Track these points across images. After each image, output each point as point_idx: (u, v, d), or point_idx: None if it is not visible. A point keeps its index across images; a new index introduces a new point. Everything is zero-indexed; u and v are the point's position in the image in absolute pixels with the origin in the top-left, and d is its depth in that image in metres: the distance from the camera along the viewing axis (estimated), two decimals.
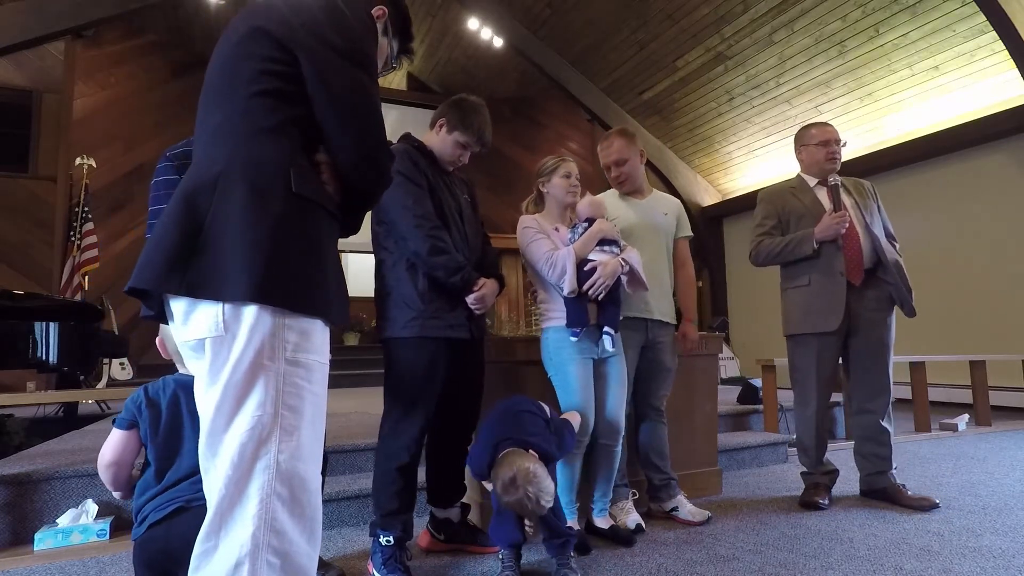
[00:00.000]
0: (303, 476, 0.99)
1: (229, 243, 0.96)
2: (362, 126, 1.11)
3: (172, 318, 1.05)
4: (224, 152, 1.03)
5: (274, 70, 1.07)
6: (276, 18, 1.10)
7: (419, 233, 1.91)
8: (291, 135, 1.07)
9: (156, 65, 8.69)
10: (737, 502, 2.70)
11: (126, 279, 1.03)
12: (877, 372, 2.62)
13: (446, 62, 10.31)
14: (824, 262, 2.61)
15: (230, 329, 0.96)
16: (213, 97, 1.12)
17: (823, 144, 2.71)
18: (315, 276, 1.03)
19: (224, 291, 0.95)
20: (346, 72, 1.10)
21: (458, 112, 2.07)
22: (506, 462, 1.76)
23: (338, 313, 1.08)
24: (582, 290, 2.11)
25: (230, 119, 1.07)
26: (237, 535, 0.93)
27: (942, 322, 6.28)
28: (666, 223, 2.55)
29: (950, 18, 5.64)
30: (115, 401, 5.49)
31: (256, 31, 1.09)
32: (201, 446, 0.99)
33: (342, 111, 1.09)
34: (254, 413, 0.96)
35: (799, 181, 2.81)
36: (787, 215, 2.74)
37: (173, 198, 1.03)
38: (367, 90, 1.12)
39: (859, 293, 2.61)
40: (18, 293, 4.16)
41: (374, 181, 1.18)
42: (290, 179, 1.03)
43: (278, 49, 1.08)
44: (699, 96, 8.19)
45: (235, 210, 0.97)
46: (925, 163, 6.58)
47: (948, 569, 1.83)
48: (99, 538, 2.24)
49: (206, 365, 0.98)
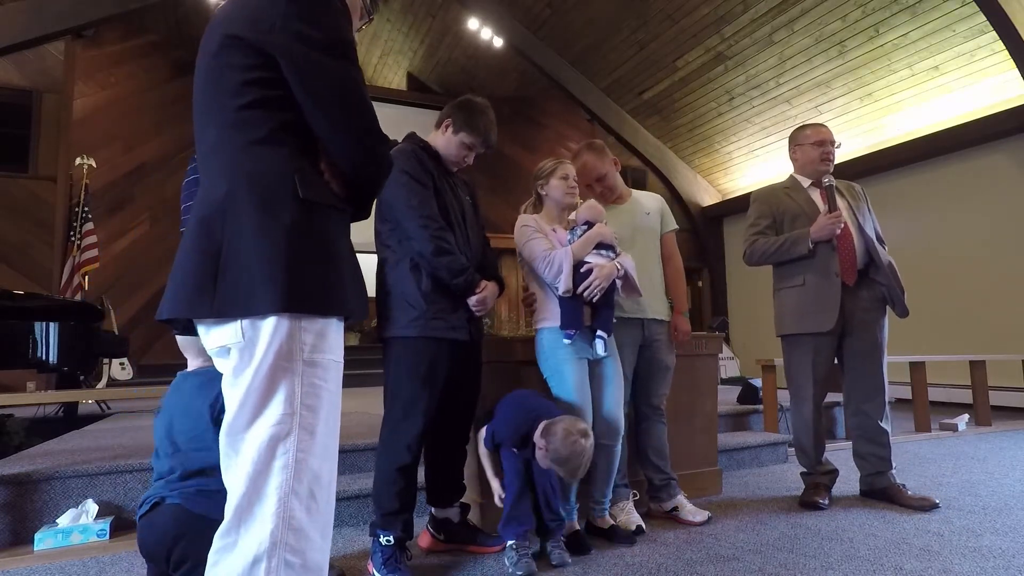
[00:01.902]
0: (319, 474, 1.02)
1: (246, 261, 1.00)
2: (353, 119, 1.10)
3: (197, 332, 1.12)
4: (225, 169, 1.05)
5: (256, 78, 1.06)
6: (247, 21, 1.07)
7: (425, 233, 1.91)
8: (287, 141, 1.07)
9: (156, 65, 8.68)
10: (737, 502, 2.70)
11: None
12: (872, 372, 2.62)
13: (446, 62, 10.31)
14: (819, 262, 2.61)
15: (250, 337, 1.00)
16: (202, 112, 1.12)
17: (818, 144, 2.71)
18: (330, 277, 1.05)
19: (249, 307, 0.99)
20: (328, 67, 1.07)
21: (464, 113, 2.07)
22: (562, 425, 1.93)
23: (357, 307, 1.11)
24: (577, 291, 2.13)
25: (222, 134, 1.07)
26: (256, 532, 0.96)
27: (942, 322, 6.28)
28: (651, 222, 2.55)
29: (950, 18, 5.65)
30: (115, 401, 5.49)
31: (230, 40, 1.07)
32: (223, 443, 1.03)
33: (331, 109, 1.08)
34: (274, 413, 0.99)
35: (792, 181, 2.81)
36: (781, 215, 2.74)
37: (191, 227, 1.06)
38: (352, 80, 1.10)
39: (853, 293, 2.61)
40: (18, 293, 4.15)
41: (374, 171, 1.18)
42: (295, 186, 1.04)
43: (255, 55, 1.05)
44: (699, 96, 8.19)
45: (247, 227, 1.00)
46: (925, 163, 6.59)
47: (948, 569, 1.83)
48: (99, 538, 2.24)
49: (231, 366, 1.03)
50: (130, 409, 5.26)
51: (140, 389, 4.32)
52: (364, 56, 10.64)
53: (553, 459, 1.91)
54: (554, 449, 1.90)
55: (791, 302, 2.69)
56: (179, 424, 1.61)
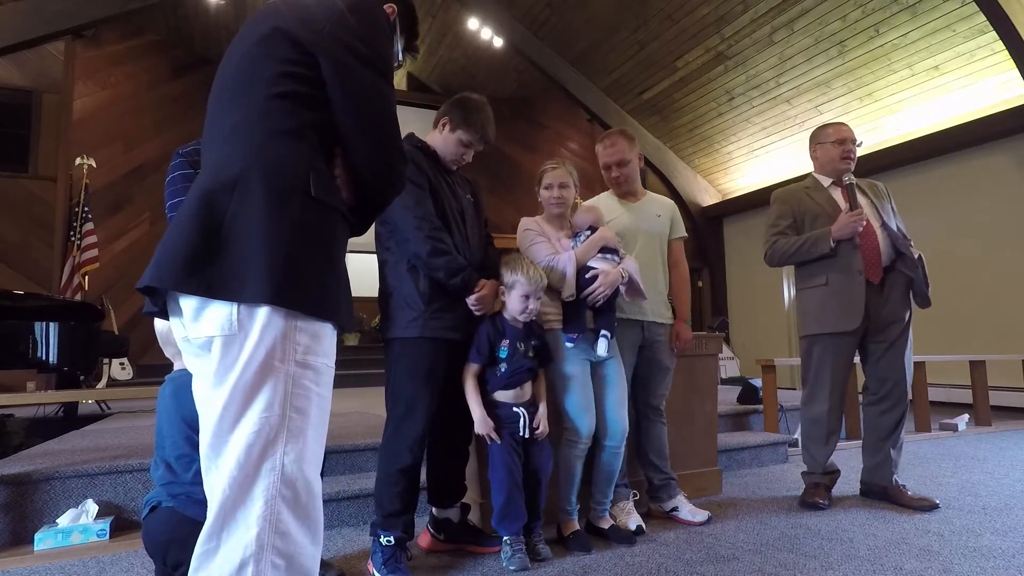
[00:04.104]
0: (307, 478, 0.99)
1: (248, 244, 0.96)
2: (382, 134, 1.14)
3: (179, 314, 1.04)
4: (242, 153, 1.03)
5: (294, 72, 1.07)
6: (299, 20, 1.09)
7: (420, 235, 1.91)
8: (310, 139, 1.07)
9: (156, 65, 8.68)
10: (737, 502, 2.70)
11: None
12: (892, 365, 2.58)
13: (446, 62, 10.31)
14: (842, 261, 2.58)
15: (243, 328, 0.95)
16: (229, 96, 1.11)
17: (839, 142, 2.70)
18: (329, 280, 1.04)
19: (242, 292, 0.95)
20: (368, 80, 1.11)
21: (461, 110, 2.07)
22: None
23: (348, 319, 1.10)
24: (581, 296, 2.13)
25: (247, 119, 1.06)
26: (241, 536, 0.93)
27: (942, 322, 6.28)
28: (660, 225, 2.55)
29: (950, 18, 5.64)
30: (115, 401, 5.49)
31: (277, 31, 1.09)
32: (204, 446, 0.99)
33: (363, 119, 1.11)
34: (262, 414, 0.95)
35: (813, 181, 2.79)
36: (802, 215, 2.72)
37: (189, 198, 1.02)
38: (387, 99, 1.14)
39: (877, 291, 2.58)
40: (18, 293, 4.15)
41: (390, 186, 1.21)
42: (309, 183, 1.03)
43: (298, 51, 1.08)
44: (699, 96, 8.19)
45: (254, 212, 0.98)
46: (925, 163, 6.58)
47: (948, 569, 1.83)
48: (99, 538, 2.24)
49: (213, 364, 0.97)
50: (130, 409, 5.26)
51: (140, 389, 4.32)
52: None
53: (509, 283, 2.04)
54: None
55: (814, 301, 2.66)
56: (168, 436, 1.63)
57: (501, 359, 2.02)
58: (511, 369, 2.02)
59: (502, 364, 2.02)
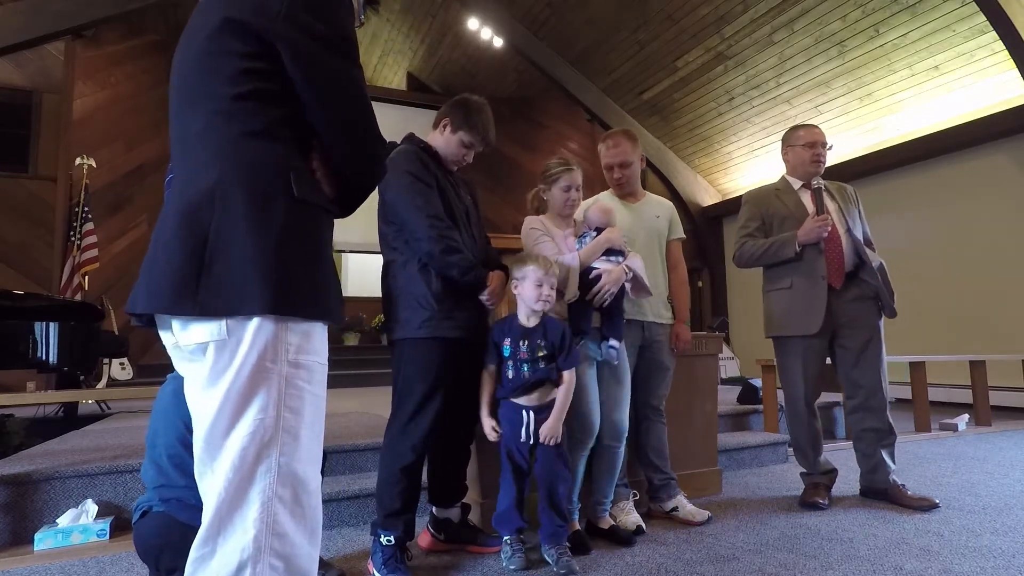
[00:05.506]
0: (304, 478, 0.98)
1: (236, 256, 0.94)
2: (353, 120, 1.08)
3: (168, 327, 1.03)
4: (215, 160, 0.99)
5: (255, 68, 1.01)
6: (250, 5, 1.02)
7: (432, 233, 1.90)
8: (283, 136, 1.03)
9: (156, 65, 8.67)
10: (737, 502, 2.70)
11: (126, 279, 1.03)
12: (865, 372, 2.61)
13: (446, 62, 10.31)
14: (806, 266, 2.62)
15: (234, 334, 0.95)
16: (189, 97, 1.06)
17: (809, 146, 2.72)
18: (318, 280, 1.03)
19: (240, 308, 0.94)
20: (332, 64, 1.05)
21: (462, 111, 2.07)
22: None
23: (338, 313, 1.08)
24: (586, 298, 2.13)
25: (212, 121, 1.01)
26: (238, 539, 0.92)
27: (942, 322, 6.28)
28: (659, 226, 2.56)
29: (950, 18, 5.64)
30: (115, 401, 5.49)
31: (229, 23, 1.01)
32: (198, 450, 0.98)
33: (331, 107, 1.06)
34: (256, 416, 0.94)
35: (784, 183, 2.82)
36: (770, 217, 2.76)
37: (169, 216, 0.99)
38: (357, 84, 1.08)
39: (840, 295, 2.62)
40: (18, 293, 4.15)
41: (369, 173, 1.16)
42: (291, 184, 1.00)
43: (256, 43, 1.01)
44: (699, 96, 8.19)
45: (238, 221, 0.95)
46: (925, 163, 6.58)
47: (948, 569, 1.83)
48: (99, 538, 2.24)
49: (206, 368, 0.96)
50: (130, 409, 5.25)
51: (140, 389, 4.31)
52: (364, 56, 10.63)
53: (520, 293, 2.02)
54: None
55: (779, 304, 2.72)
56: (162, 436, 1.61)
57: (504, 357, 2.02)
58: (515, 376, 2.01)
59: (507, 363, 2.02)
